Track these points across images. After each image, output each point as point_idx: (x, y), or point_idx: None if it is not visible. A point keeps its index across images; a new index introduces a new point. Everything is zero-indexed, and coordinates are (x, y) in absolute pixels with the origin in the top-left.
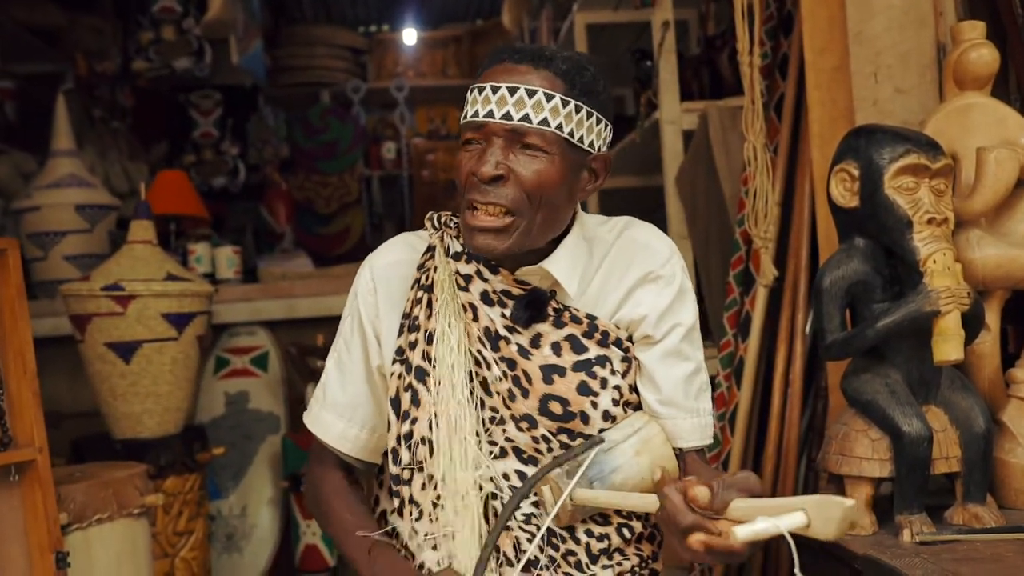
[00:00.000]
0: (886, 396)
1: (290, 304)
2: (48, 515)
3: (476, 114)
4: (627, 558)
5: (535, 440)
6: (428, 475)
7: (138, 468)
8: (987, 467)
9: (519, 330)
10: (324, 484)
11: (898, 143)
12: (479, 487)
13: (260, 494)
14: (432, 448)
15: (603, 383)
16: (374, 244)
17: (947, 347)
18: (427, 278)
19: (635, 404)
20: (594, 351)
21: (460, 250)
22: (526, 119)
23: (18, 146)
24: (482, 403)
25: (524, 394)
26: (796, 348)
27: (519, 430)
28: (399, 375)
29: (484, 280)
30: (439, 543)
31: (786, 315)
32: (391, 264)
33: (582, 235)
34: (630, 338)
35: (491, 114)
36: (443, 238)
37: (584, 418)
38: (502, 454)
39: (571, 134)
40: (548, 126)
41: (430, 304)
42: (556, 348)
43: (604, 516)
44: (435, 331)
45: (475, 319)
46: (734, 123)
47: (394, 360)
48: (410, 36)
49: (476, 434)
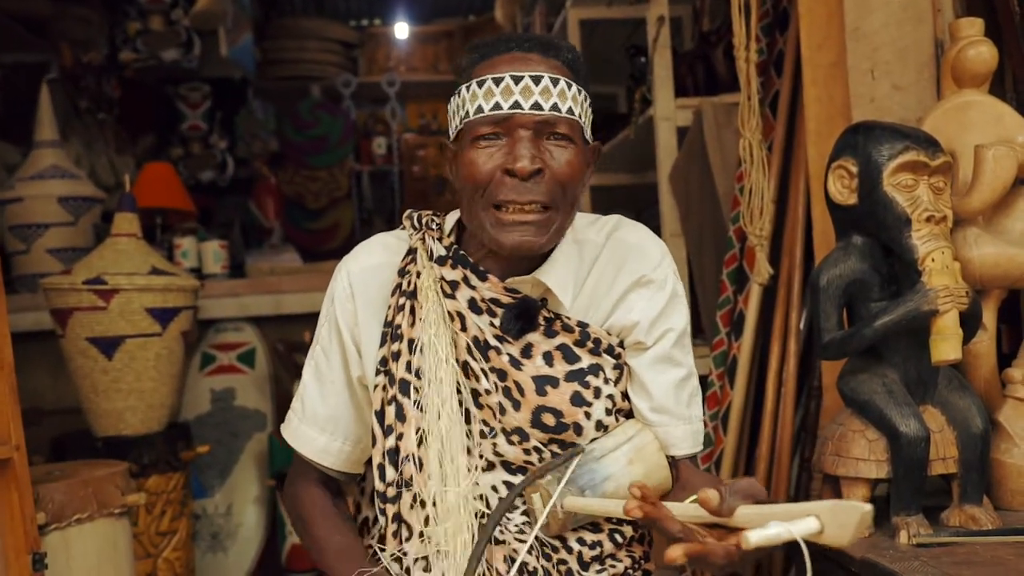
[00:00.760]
0: (883, 396)
1: (277, 300)
2: (25, 515)
3: (497, 107)
4: (619, 561)
5: (526, 452)
6: (415, 493)
7: (119, 466)
8: (984, 468)
9: (509, 340)
10: (307, 500)
11: (897, 140)
12: (471, 505)
13: (246, 492)
14: (420, 465)
15: (596, 393)
16: (363, 239)
17: (945, 346)
18: (409, 283)
19: (627, 411)
20: (587, 360)
21: (444, 254)
22: (555, 108)
23: (1, 137)
24: (470, 416)
25: (516, 406)
26: (790, 347)
27: (509, 443)
28: (383, 387)
29: (471, 287)
30: (432, 563)
31: (780, 313)
32: (369, 269)
33: (572, 239)
34: (621, 344)
35: (517, 105)
36: (425, 240)
37: (577, 429)
38: (489, 467)
39: (584, 122)
40: (573, 115)
41: (413, 312)
42: (548, 358)
43: (595, 524)
44: (419, 341)
45: (463, 328)
46: (729, 120)
47: (377, 371)
48: (402, 31)
49: (468, 450)
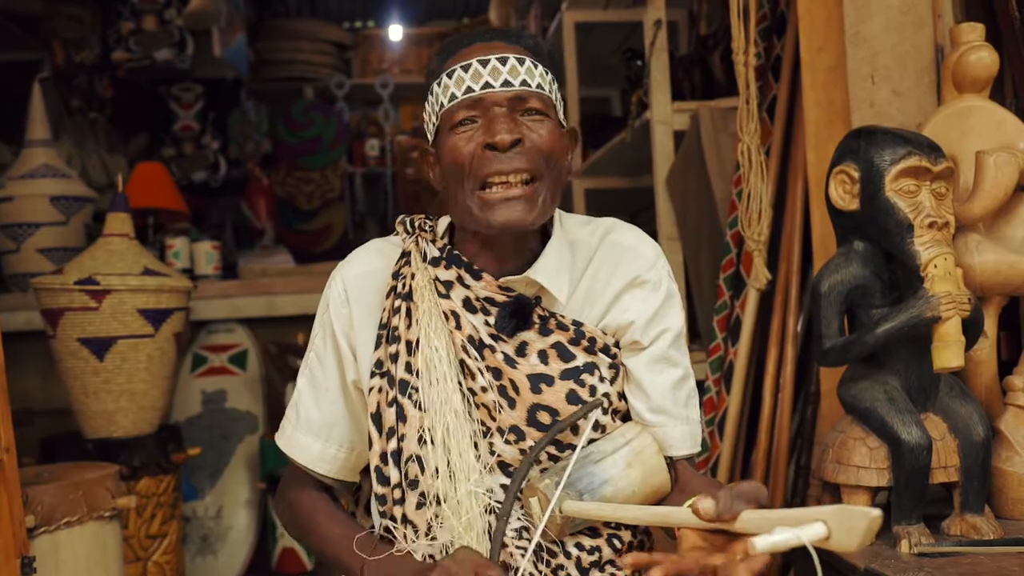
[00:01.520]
0: (885, 403)
1: (270, 301)
2: (14, 518)
3: (469, 90)
4: (619, 568)
5: (523, 452)
6: (422, 493)
7: (110, 469)
8: (986, 477)
9: (504, 338)
10: (304, 504)
11: (899, 145)
12: (481, 501)
13: (236, 495)
14: (423, 465)
15: (592, 391)
16: (356, 241)
17: (948, 354)
18: (404, 286)
19: (623, 412)
20: (582, 358)
21: (438, 255)
22: (525, 84)
23: None
24: (470, 413)
25: (511, 404)
26: (787, 352)
27: (506, 443)
28: (380, 389)
29: (466, 286)
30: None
31: (777, 319)
32: (364, 275)
33: (564, 238)
34: (617, 344)
35: (488, 85)
36: (418, 242)
37: (574, 428)
38: (488, 469)
39: (555, 99)
40: (543, 89)
41: (409, 313)
42: (543, 356)
43: (593, 529)
44: (417, 341)
45: (458, 327)
46: (726, 124)
47: (372, 373)
48: (396, 32)
49: (475, 445)
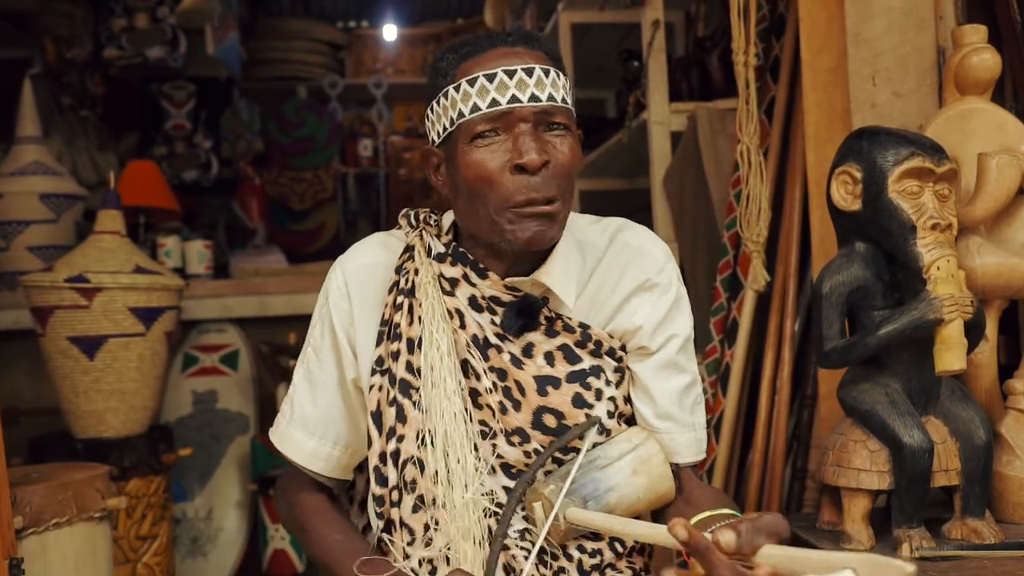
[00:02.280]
0: (886, 406)
1: (262, 301)
2: (2, 519)
3: (495, 103)
4: (620, 572)
5: (527, 455)
6: (419, 496)
7: (100, 469)
8: (987, 480)
9: (510, 339)
10: (302, 506)
11: (902, 145)
12: (480, 507)
13: (227, 497)
14: (423, 467)
15: (598, 394)
16: (349, 242)
17: (950, 356)
18: (407, 281)
19: (628, 416)
20: (588, 361)
21: (443, 251)
22: (552, 99)
23: None
24: (470, 416)
25: (516, 406)
26: (784, 355)
27: (510, 445)
28: (380, 387)
29: (472, 284)
30: (438, 566)
31: (774, 321)
32: (365, 267)
33: (573, 239)
34: (623, 347)
35: (515, 99)
36: (422, 236)
37: (579, 434)
38: (491, 471)
39: (574, 111)
40: (567, 103)
41: (411, 310)
42: (549, 358)
43: (595, 532)
44: (419, 339)
45: (462, 326)
46: (723, 125)
47: (373, 371)
48: (390, 32)
49: (475, 448)
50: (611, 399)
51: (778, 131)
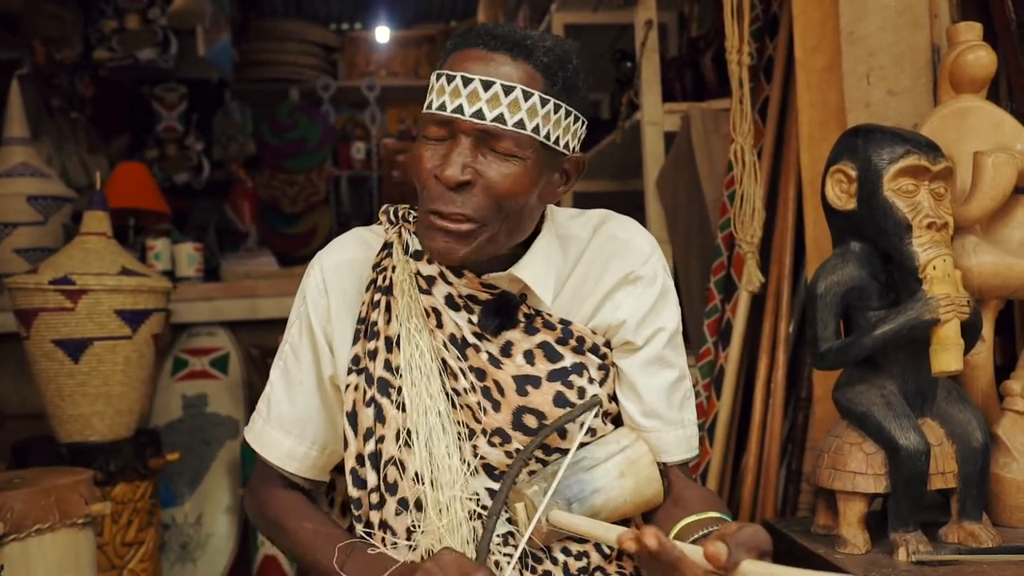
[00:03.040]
0: (882, 408)
1: (253, 304)
2: None
3: (443, 107)
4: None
5: (508, 455)
6: (401, 498)
7: (84, 474)
8: (984, 483)
9: (488, 337)
10: (273, 502)
11: (897, 144)
12: (465, 508)
13: (217, 502)
14: (403, 468)
15: (580, 393)
16: None
17: (946, 357)
18: (384, 279)
19: (615, 415)
20: (569, 359)
21: (420, 248)
22: (500, 119)
23: None
24: (451, 417)
25: (496, 407)
26: (778, 357)
27: (491, 445)
28: (356, 387)
29: (448, 283)
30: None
31: (768, 322)
32: (343, 263)
33: (554, 233)
34: (607, 344)
35: (460, 110)
36: (401, 234)
37: (562, 432)
38: (472, 472)
39: (547, 136)
40: (524, 128)
41: (389, 308)
42: (529, 357)
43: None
44: (396, 338)
45: (439, 325)
46: (716, 126)
47: (349, 370)
48: (382, 34)
49: (459, 449)
50: (595, 396)
51: (772, 131)
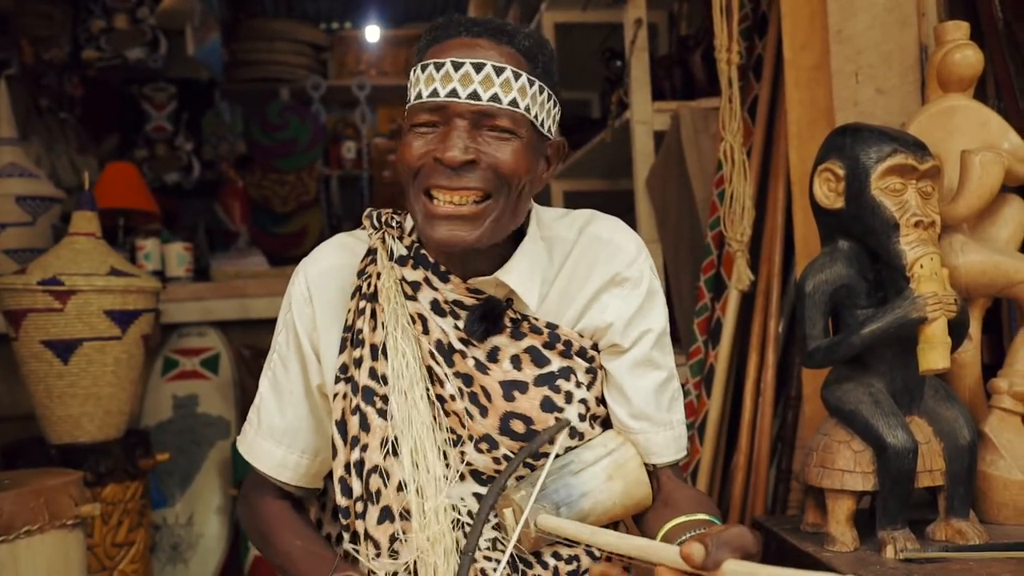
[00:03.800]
0: (870, 406)
1: (243, 304)
2: None
3: (435, 93)
4: None
5: (496, 461)
6: (384, 507)
7: (73, 475)
8: (972, 481)
9: (474, 343)
10: (265, 513)
11: (885, 142)
12: (449, 516)
13: (208, 502)
14: (388, 477)
15: (568, 397)
16: None
17: (933, 355)
18: (369, 285)
19: (603, 417)
20: (557, 363)
21: (405, 254)
22: (495, 99)
23: None
24: (439, 424)
25: (483, 412)
26: (768, 355)
27: (478, 451)
28: (343, 395)
29: (434, 289)
30: None
31: (758, 321)
32: (328, 271)
33: (539, 235)
34: (595, 347)
35: (454, 93)
36: (384, 239)
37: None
38: (460, 478)
39: (535, 117)
40: (518, 107)
41: (374, 315)
42: (516, 362)
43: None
44: (382, 345)
45: (425, 331)
46: (706, 125)
47: (337, 379)
48: (373, 34)
49: (444, 456)
50: (582, 401)
51: (761, 130)
